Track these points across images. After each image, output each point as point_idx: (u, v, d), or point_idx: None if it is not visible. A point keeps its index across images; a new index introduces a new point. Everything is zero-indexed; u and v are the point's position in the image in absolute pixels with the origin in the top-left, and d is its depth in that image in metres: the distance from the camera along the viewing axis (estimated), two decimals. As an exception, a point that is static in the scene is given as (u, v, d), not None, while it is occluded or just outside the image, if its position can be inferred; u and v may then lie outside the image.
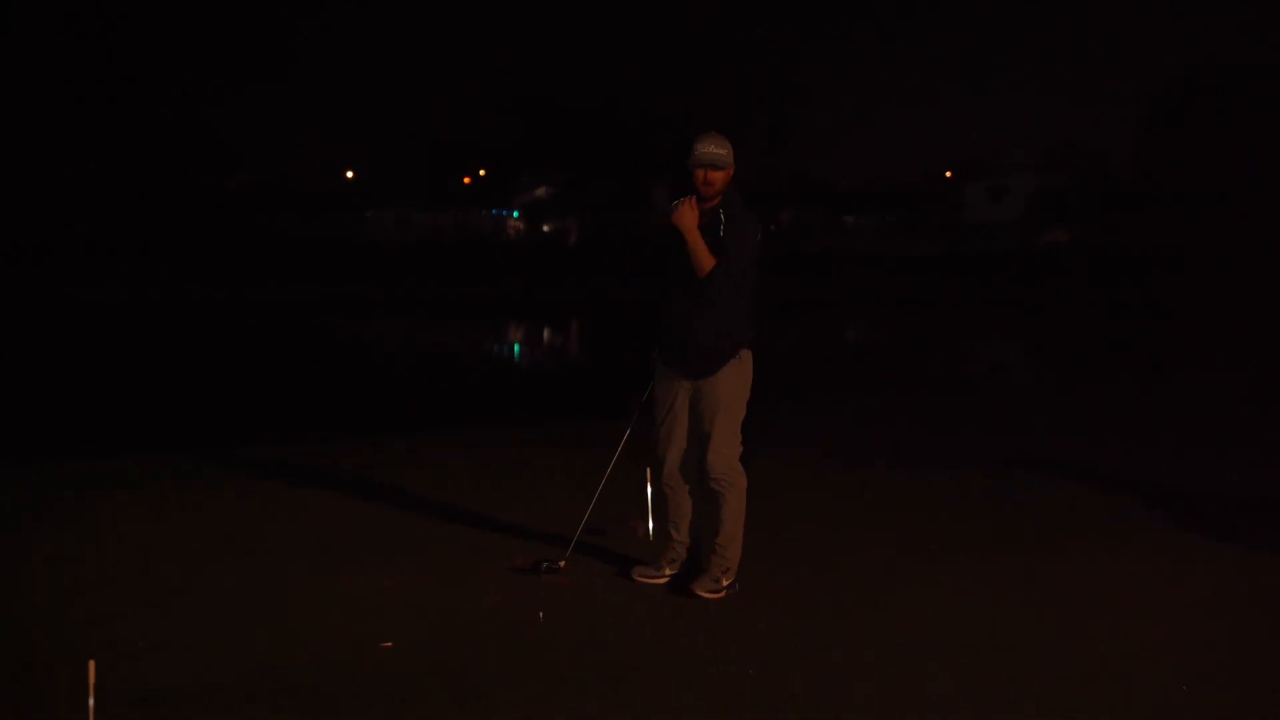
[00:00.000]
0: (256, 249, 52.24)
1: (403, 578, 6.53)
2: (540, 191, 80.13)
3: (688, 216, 6.07)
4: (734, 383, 6.19)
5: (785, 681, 5.13)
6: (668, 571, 6.50)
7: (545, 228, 76.59)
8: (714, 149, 6.07)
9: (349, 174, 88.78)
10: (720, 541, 6.29)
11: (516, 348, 31.14)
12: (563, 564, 6.60)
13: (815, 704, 4.91)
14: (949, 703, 4.94)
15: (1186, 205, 69.86)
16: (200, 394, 18.26)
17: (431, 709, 4.82)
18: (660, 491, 6.53)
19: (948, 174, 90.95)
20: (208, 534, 7.44)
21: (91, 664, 4.52)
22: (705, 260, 6.03)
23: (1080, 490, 8.96)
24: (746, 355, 6.23)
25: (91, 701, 4.50)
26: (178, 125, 61.61)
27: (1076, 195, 78.55)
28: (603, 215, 69.67)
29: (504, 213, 78.45)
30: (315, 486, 8.83)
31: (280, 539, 7.33)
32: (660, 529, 6.71)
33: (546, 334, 34.79)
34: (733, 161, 6.11)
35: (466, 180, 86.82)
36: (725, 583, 6.31)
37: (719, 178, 6.09)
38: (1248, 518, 8.09)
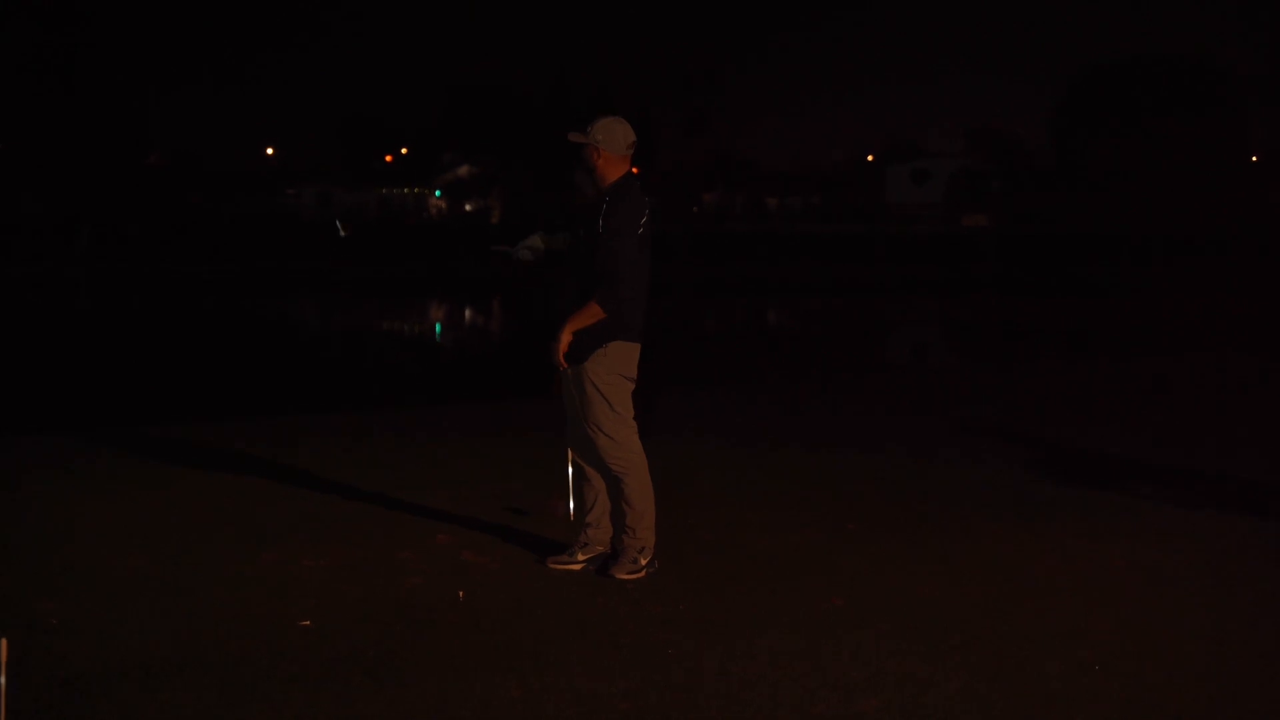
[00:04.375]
0: (176, 226, 51.48)
1: (323, 558, 6.48)
2: (462, 171, 79.77)
3: (559, 348, 6.15)
4: (600, 372, 6.16)
5: (704, 662, 5.15)
6: (581, 558, 6.44)
7: (468, 206, 76.22)
8: (577, 133, 6.23)
9: (269, 151, 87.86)
10: (630, 523, 6.29)
11: (438, 328, 30.99)
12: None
13: (735, 683, 4.93)
14: (869, 683, 4.98)
15: (1102, 191, 71.04)
16: (117, 372, 18.00)
17: (349, 689, 4.79)
18: (578, 473, 6.52)
19: (869, 157, 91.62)
20: (123, 515, 7.34)
21: (3, 642, 4.44)
22: (592, 317, 6.08)
23: (998, 469, 9.06)
24: (614, 347, 6.16)
25: (3, 680, 4.42)
26: (96, 96, 60.57)
27: (997, 179, 79.43)
28: (525, 195, 69.57)
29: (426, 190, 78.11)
30: (233, 466, 8.73)
31: (198, 519, 7.25)
32: (578, 512, 6.69)
33: (470, 314, 34.64)
34: (607, 142, 6.16)
35: (389, 159, 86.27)
36: (643, 562, 6.31)
37: (589, 157, 6.21)
38: (1163, 495, 8.21)
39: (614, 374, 6.19)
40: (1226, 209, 64.77)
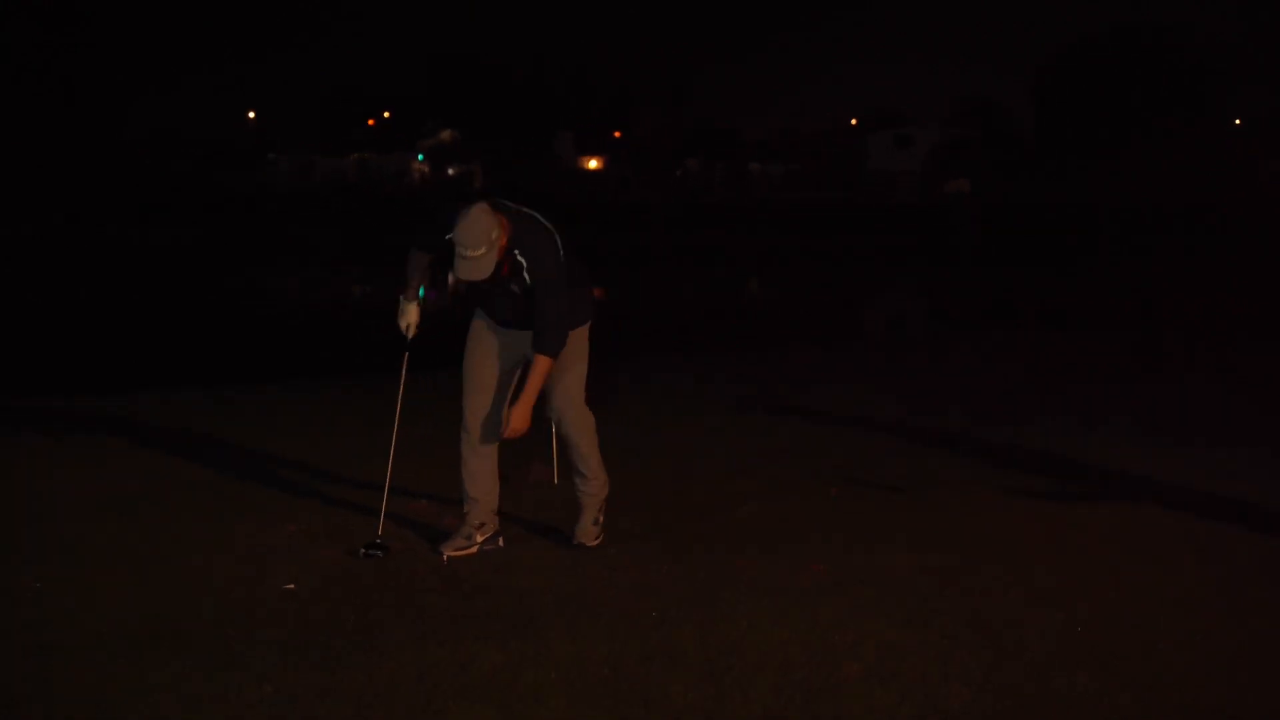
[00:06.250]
0: (156, 192, 51.27)
1: (301, 525, 6.46)
2: (445, 135, 79.47)
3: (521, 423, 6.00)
4: (575, 343, 6.10)
5: (685, 628, 5.13)
6: (479, 539, 6.20)
7: (450, 171, 75.93)
8: (465, 252, 5.70)
9: (250, 115, 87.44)
10: (591, 488, 6.34)
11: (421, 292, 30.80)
12: (379, 538, 6.19)
13: (715, 649, 4.92)
14: (850, 649, 4.97)
15: (1083, 160, 71.07)
16: (88, 340, 17.91)
17: (329, 656, 4.77)
18: (479, 444, 6.20)
19: (853, 121, 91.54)
20: (100, 483, 7.30)
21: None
22: (544, 375, 5.94)
23: (984, 442, 9.06)
24: (582, 329, 6.19)
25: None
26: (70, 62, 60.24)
27: (980, 147, 79.40)
28: (507, 161, 69.51)
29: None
30: (210, 435, 8.69)
31: (176, 487, 7.22)
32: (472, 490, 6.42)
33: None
34: (490, 227, 5.65)
35: (370, 123, 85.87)
36: (602, 519, 6.38)
37: (497, 252, 5.74)
38: (1151, 471, 8.19)
39: (583, 342, 6.23)
40: (1212, 179, 64.75)
